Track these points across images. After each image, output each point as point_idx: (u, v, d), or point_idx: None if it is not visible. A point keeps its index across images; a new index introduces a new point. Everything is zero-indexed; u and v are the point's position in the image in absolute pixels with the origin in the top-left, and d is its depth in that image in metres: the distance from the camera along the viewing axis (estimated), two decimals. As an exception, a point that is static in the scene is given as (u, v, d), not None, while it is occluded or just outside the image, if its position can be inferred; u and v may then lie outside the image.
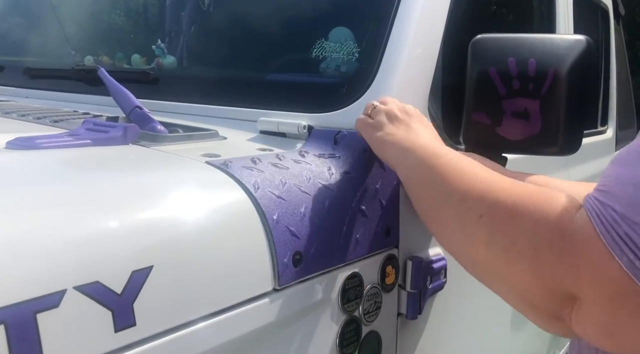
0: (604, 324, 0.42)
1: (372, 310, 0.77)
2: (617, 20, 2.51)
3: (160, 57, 1.16)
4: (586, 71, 0.81)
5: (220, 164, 0.66)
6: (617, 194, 0.42)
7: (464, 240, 0.55)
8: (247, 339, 0.59)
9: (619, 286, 0.40)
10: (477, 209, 0.52)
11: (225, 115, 0.92)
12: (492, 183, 0.54)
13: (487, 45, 0.83)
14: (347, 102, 0.81)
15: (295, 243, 0.64)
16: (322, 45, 0.89)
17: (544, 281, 0.45)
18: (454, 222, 0.56)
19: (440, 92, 0.94)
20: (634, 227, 0.40)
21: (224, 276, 0.57)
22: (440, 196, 0.59)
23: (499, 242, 0.49)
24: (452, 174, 0.59)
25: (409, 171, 0.66)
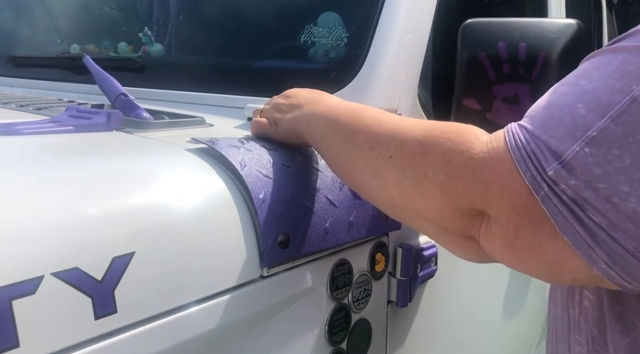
0: (506, 237, 0.44)
1: (361, 298, 0.77)
2: (610, 9, 2.50)
3: (147, 45, 1.14)
4: (577, 55, 0.80)
5: (206, 142, 0.64)
6: (531, 115, 0.45)
7: (379, 186, 0.54)
8: (234, 327, 0.59)
9: (522, 201, 0.42)
10: (387, 152, 0.52)
11: (212, 102, 0.91)
12: (398, 125, 0.54)
13: (477, 29, 0.81)
14: (336, 87, 0.80)
15: (283, 224, 0.63)
16: (310, 30, 0.87)
17: (455, 203, 0.47)
18: (368, 173, 0.55)
19: (430, 77, 0.93)
20: (538, 144, 0.42)
21: (210, 262, 0.56)
22: (350, 151, 0.58)
23: (410, 176, 0.50)
24: (356, 125, 0.58)
25: (318, 139, 0.64)
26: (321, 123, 0.63)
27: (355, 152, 0.56)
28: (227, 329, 0.58)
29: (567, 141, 0.40)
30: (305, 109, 0.66)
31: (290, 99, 0.70)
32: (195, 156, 0.63)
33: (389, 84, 0.81)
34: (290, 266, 0.65)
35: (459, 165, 0.46)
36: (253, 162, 0.63)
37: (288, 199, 0.64)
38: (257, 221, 0.60)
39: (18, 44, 1.39)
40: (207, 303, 0.55)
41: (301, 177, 0.68)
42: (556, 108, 0.43)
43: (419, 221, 0.54)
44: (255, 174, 0.62)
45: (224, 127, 0.81)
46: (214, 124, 0.82)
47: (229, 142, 0.65)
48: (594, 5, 2.09)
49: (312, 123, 0.64)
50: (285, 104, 0.69)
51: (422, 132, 0.50)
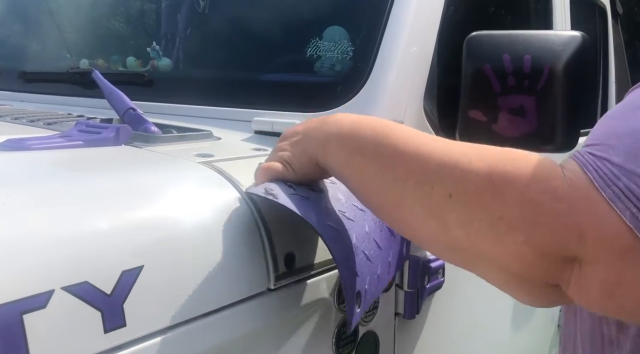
0: (606, 284, 0.39)
1: (369, 310, 0.77)
2: (615, 19, 2.50)
3: (155, 60, 1.15)
4: (582, 67, 0.81)
5: (214, 163, 0.65)
6: (613, 146, 0.40)
7: (436, 228, 0.46)
8: (242, 340, 0.59)
9: (623, 243, 0.38)
10: (444, 189, 0.44)
11: (220, 116, 0.92)
12: (446, 153, 0.46)
13: (481, 42, 0.82)
14: (342, 101, 0.81)
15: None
16: (316, 44, 0.88)
17: (541, 249, 0.41)
18: (418, 212, 0.47)
19: (435, 90, 0.94)
20: (634, 179, 0.38)
21: (217, 276, 0.56)
22: (389, 185, 0.49)
23: (481, 219, 0.42)
24: (389, 151, 0.49)
25: (340, 165, 0.54)
26: (339, 145, 0.53)
27: (398, 187, 0.48)
28: (235, 343, 0.58)
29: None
30: (315, 134, 0.57)
31: (292, 134, 0.61)
32: (204, 170, 0.64)
33: (394, 96, 0.82)
34: (298, 279, 0.65)
35: (543, 206, 0.40)
36: None
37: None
38: (266, 240, 0.61)
39: (28, 59, 1.41)
40: (214, 316, 0.55)
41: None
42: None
43: (484, 266, 0.47)
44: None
45: (231, 140, 0.82)
46: (221, 137, 0.83)
47: (236, 162, 0.66)
48: (599, 16, 2.09)
49: (328, 147, 0.54)
50: (289, 142, 0.60)
51: (486, 165, 0.43)
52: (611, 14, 2.27)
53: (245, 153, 0.74)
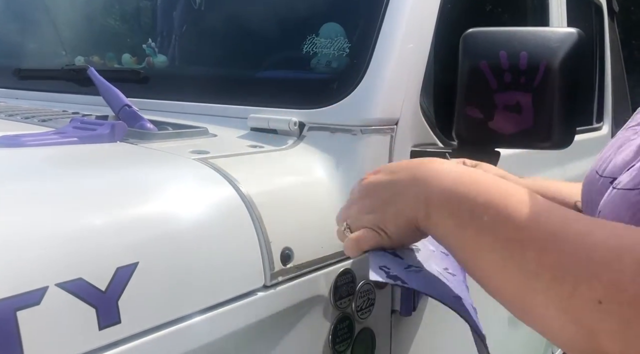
0: None
1: (365, 307, 0.77)
2: (612, 16, 2.51)
3: (151, 57, 1.15)
4: (578, 64, 0.81)
5: (209, 159, 0.65)
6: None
7: (577, 333, 0.37)
8: (237, 336, 0.59)
9: None
10: (590, 292, 0.35)
11: (216, 113, 0.92)
12: (592, 243, 0.37)
13: (478, 39, 0.82)
14: (338, 97, 0.81)
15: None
16: (312, 41, 0.88)
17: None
18: (552, 311, 0.38)
19: (432, 87, 0.93)
20: None
21: (213, 272, 0.56)
22: (512, 273, 0.41)
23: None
24: (516, 235, 0.40)
25: (448, 236, 0.47)
26: (445, 211, 0.46)
27: (525, 277, 0.39)
28: (231, 339, 0.58)
29: None
30: (410, 193, 0.49)
31: (376, 188, 0.52)
32: (199, 167, 0.63)
33: (391, 93, 0.82)
34: (294, 275, 0.65)
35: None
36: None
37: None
38: (262, 236, 0.61)
39: (23, 56, 1.41)
40: (210, 313, 0.55)
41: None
42: None
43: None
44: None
45: (227, 137, 0.82)
46: (217, 134, 0.83)
47: (231, 159, 0.66)
48: (595, 14, 2.10)
49: (431, 211, 0.47)
50: (375, 200, 0.52)
51: None
52: (607, 12, 2.28)
53: (241, 150, 0.74)
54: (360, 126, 0.78)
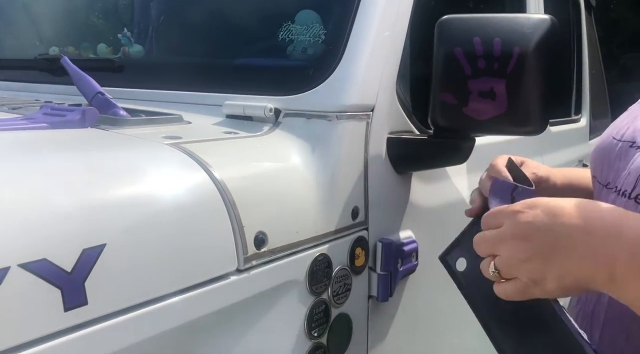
0: None
1: (341, 292, 0.77)
2: (589, 11, 2.54)
3: (126, 46, 1.13)
4: (552, 50, 0.81)
5: (182, 144, 0.64)
6: None
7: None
8: (210, 320, 0.58)
9: None
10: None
11: (191, 100, 0.91)
12: None
13: (452, 25, 0.82)
14: (314, 84, 0.80)
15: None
16: (288, 28, 0.88)
17: None
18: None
19: (409, 74, 0.94)
20: None
21: (184, 256, 0.55)
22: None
23: None
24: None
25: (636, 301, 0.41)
26: (636, 273, 0.40)
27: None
28: (203, 322, 0.57)
29: None
30: (583, 251, 0.43)
31: (538, 234, 0.45)
32: (171, 151, 0.63)
33: (366, 79, 0.82)
34: (268, 260, 0.65)
35: None
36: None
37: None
38: (235, 220, 0.60)
39: (-3, 47, 1.38)
40: (181, 296, 0.54)
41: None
42: None
43: None
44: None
45: (201, 124, 0.81)
46: (192, 121, 0.82)
47: (204, 144, 0.65)
48: (573, 7, 2.12)
49: (618, 273, 0.41)
50: (533, 247, 0.45)
51: None
52: (585, 6, 2.31)
53: (215, 136, 0.73)
54: (336, 112, 0.78)
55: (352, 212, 0.79)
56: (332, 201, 0.75)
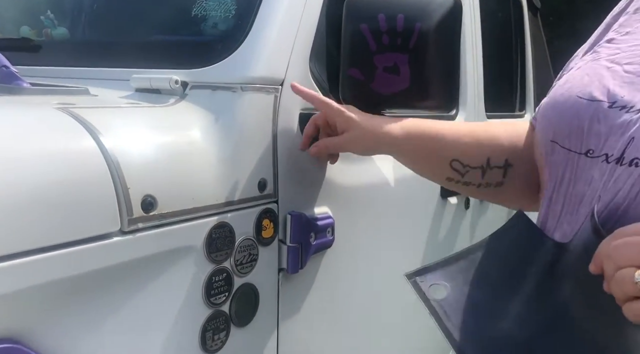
0: None
1: (246, 262, 0.77)
2: (534, 12, 2.63)
3: (49, 28, 1.12)
4: (454, 28, 0.85)
5: (71, 109, 0.64)
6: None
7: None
8: (94, 278, 0.58)
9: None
10: None
11: (107, 77, 0.90)
12: None
13: (360, 3, 0.85)
14: (221, 57, 0.81)
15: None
16: (201, 4, 0.88)
17: None
18: None
19: (324, 52, 0.96)
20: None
21: (59, 212, 0.55)
22: None
23: None
24: None
25: None
26: None
27: None
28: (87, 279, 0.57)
29: None
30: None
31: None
32: (56, 114, 0.62)
33: (274, 54, 0.83)
34: (159, 223, 0.65)
35: None
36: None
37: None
38: (117, 175, 0.60)
39: None
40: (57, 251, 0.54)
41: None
42: None
43: None
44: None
45: (107, 96, 0.81)
46: (99, 94, 0.82)
47: (92, 108, 0.64)
48: (514, 7, 2.19)
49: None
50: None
51: None
52: (528, 7, 2.39)
53: (112, 104, 0.73)
54: (241, 83, 0.79)
55: (259, 184, 0.80)
56: (235, 172, 0.76)
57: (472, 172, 0.72)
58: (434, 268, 0.62)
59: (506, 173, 0.71)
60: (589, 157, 0.53)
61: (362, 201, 1.03)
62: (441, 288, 0.61)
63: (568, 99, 0.57)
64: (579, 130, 0.55)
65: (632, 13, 0.60)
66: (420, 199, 1.25)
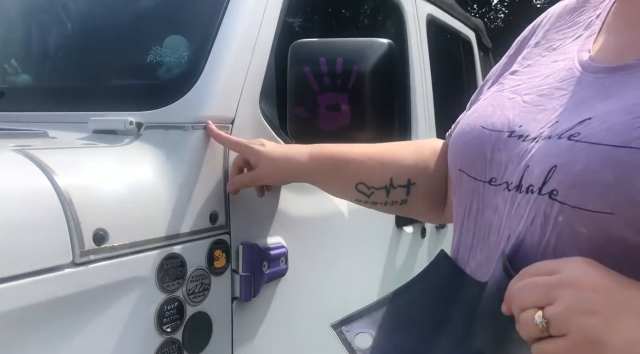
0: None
1: (198, 291, 0.81)
2: (485, 51, 2.80)
3: (12, 76, 1.17)
4: (388, 70, 0.93)
5: (27, 150, 0.68)
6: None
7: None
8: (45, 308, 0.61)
9: None
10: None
11: (66, 120, 0.95)
12: None
13: (303, 48, 0.93)
14: (173, 99, 0.87)
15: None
16: (157, 51, 0.95)
17: None
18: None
19: (274, 92, 1.03)
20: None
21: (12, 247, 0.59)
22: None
23: None
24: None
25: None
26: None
27: None
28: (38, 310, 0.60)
29: None
30: None
31: (610, 288, 0.41)
32: (12, 155, 0.67)
33: (224, 95, 0.90)
34: (110, 255, 0.68)
35: None
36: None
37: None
38: (70, 212, 0.64)
39: None
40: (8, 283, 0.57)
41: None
42: None
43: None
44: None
45: (65, 138, 0.86)
46: (57, 137, 0.86)
47: (46, 149, 0.68)
48: (464, 47, 2.34)
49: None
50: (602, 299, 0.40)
51: None
52: (478, 46, 2.55)
53: (68, 145, 0.78)
54: (192, 123, 0.85)
55: (211, 216, 0.85)
56: (186, 205, 0.80)
57: (377, 192, 0.76)
58: (359, 315, 0.61)
59: (409, 191, 0.76)
60: (492, 185, 0.55)
61: (316, 231, 1.09)
62: (367, 336, 0.60)
63: (473, 128, 0.60)
64: (483, 159, 0.57)
65: (533, 46, 0.65)
66: (375, 229, 1.31)
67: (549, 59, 0.61)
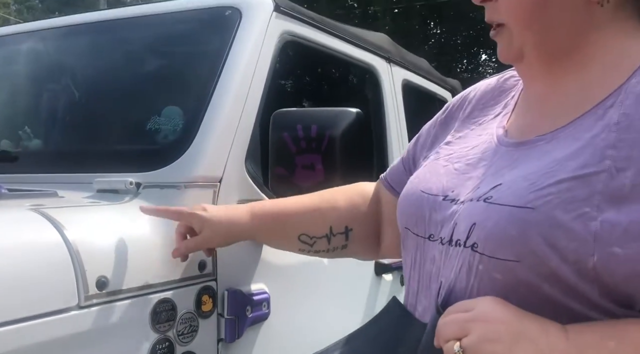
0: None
1: (187, 332, 0.90)
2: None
3: (26, 141, 1.31)
4: (356, 134, 1.08)
5: (41, 209, 0.81)
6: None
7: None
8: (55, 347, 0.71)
9: None
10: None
11: (74, 181, 1.08)
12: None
13: (282, 116, 1.08)
14: (168, 162, 1.01)
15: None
16: (155, 120, 1.10)
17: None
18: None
19: (259, 154, 1.17)
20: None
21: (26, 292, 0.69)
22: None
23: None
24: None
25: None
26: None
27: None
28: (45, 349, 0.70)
29: None
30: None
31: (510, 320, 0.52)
32: (28, 212, 0.79)
33: (212, 159, 1.03)
34: (111, 299, 0.79)
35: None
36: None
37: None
38: (77, 261, 0.76)
39: None
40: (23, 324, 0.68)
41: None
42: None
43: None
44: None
45: (73, 197, 0.98)
46: (65, 196, 0.99)
47: (56, 207, 0.80)
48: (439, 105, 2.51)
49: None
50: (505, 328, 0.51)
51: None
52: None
53: (76, 204, 0.90)
54: (184, 182, 0.97)
55: (199, 265, 0.95)
56: (177, 254, 0.91)
57: (319, 241, 0.84)
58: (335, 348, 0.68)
59: (348, 237, 0.85)
60: (430, 240, 0.65)
61: (297, 278, 1.19)
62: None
63: (414, 192, 0.69)
64: (422, 219, 0.66)
65: (463, 120, 0.76)
66: (354, 276, 1.41)
67: (476, 132, 0.72)
